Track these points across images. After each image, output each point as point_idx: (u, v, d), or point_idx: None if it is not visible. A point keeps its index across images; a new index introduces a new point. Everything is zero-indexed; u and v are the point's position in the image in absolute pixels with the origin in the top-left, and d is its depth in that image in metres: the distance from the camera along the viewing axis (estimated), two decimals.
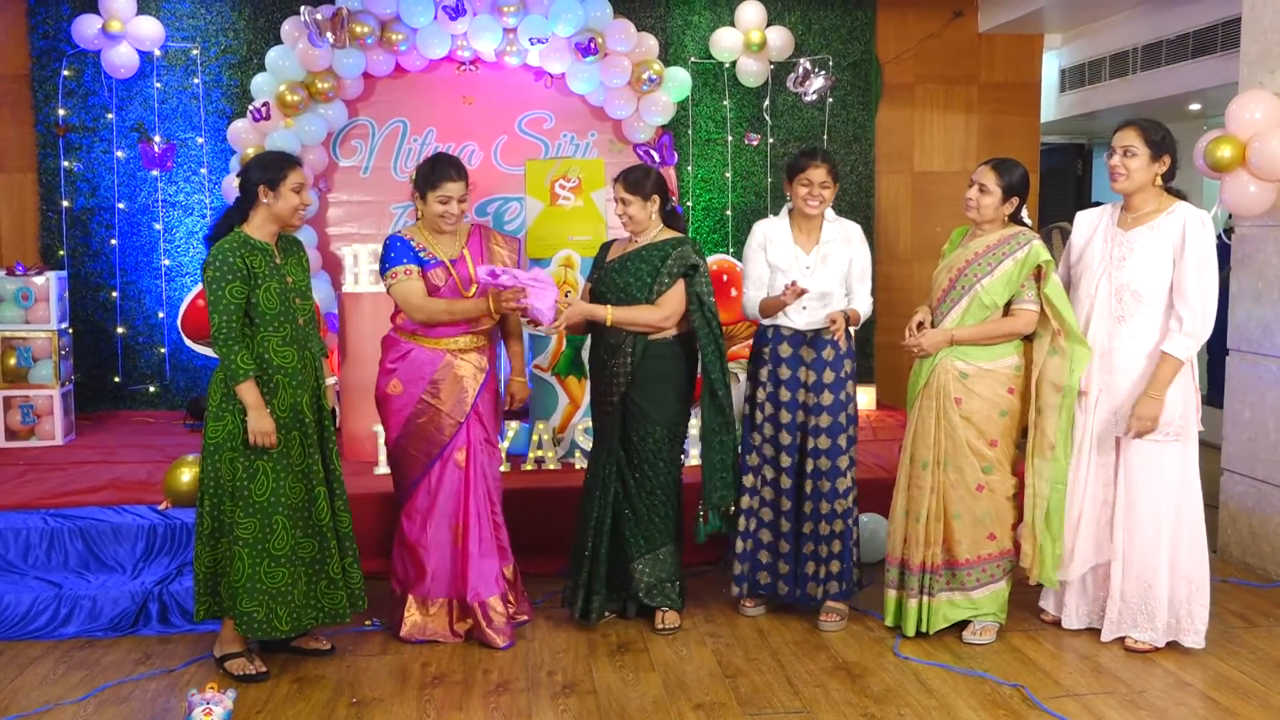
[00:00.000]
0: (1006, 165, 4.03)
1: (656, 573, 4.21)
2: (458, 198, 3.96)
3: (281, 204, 3.68)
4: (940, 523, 4.03)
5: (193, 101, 6.83)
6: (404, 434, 4.04)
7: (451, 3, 6.40)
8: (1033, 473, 4.03)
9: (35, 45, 6.66)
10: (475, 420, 4.06)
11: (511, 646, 4.06)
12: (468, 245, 4.08)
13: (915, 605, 4.07)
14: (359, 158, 6.98)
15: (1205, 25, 6.22)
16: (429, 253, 4.00)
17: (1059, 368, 3.92)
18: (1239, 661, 3.95)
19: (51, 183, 6.75)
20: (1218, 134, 4.72)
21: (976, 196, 4.02)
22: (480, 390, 4.05)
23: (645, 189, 4.11)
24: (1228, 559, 5.11)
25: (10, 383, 6.01)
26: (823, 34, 7.26)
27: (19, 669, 3.92)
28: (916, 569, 4.06)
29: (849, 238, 4.23)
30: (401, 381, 4.02)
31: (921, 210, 7.53)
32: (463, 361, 4.02)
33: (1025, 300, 3.96)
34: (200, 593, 3.77)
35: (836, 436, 4.17)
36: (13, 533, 4.53)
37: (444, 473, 4.04)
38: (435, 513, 4.06)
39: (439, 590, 4.10)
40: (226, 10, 6.82)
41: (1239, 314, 5.10)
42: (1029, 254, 3.93)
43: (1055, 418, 3.95)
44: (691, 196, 7.22)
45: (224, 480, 3.67)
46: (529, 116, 7.06)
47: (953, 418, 3.98)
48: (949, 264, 4.10)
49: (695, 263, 4.13)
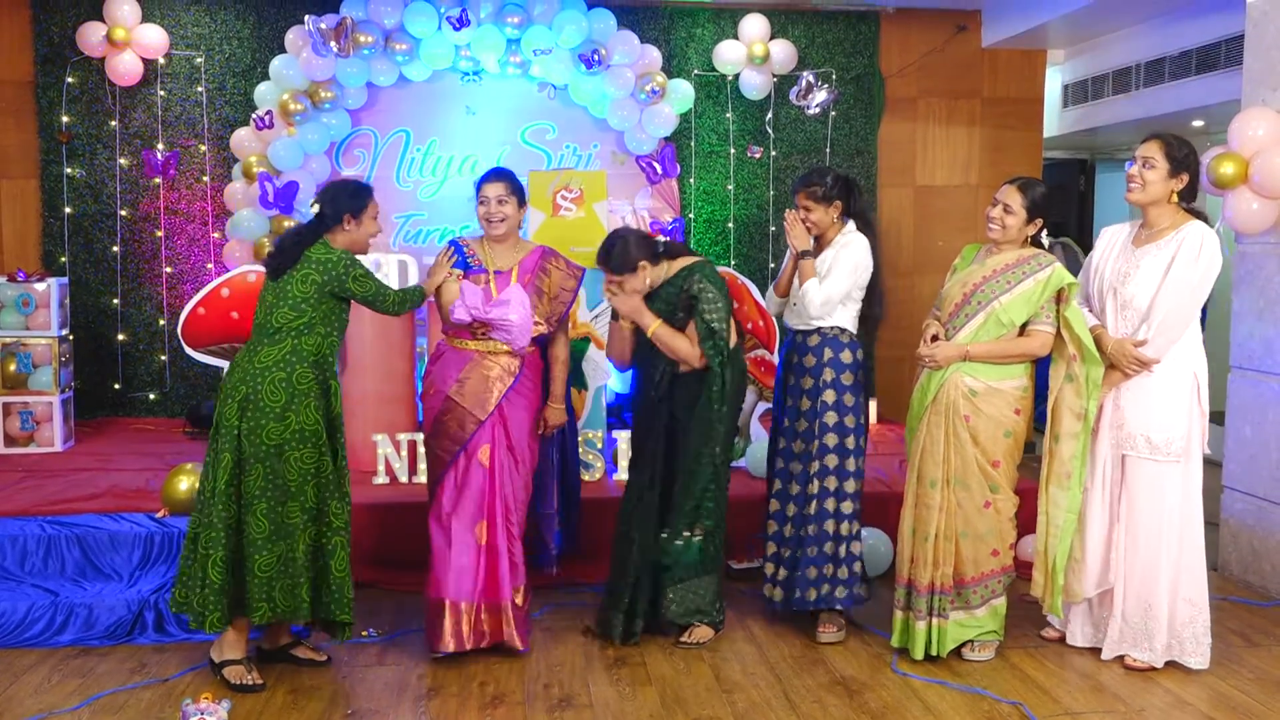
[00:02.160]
0: (1030, 184, 3.97)
1: (694, 601, 4.17)
2: (495, 198, 4.04)
3: (361, 232, 3.91)
4: (950, 542, 3.97)
5: (196, 109, 6.84)
6: (432, 433, 4.07)
7: (455, 13, 6.42)
8: (1047, 500, 3.99)
9: (40, 52, 6.67)
10: (499, 422, 4.02)
11: (526, 653, 4.04)
12: (520, 263, 4.12)
13: (924, 628, 3.99)
14: (361, 167, 6.98)
15: (1208, 42, 6.22)
16: (477, 259, 4.10)
17: (1075, 393, 3.91)
18: (1239, 680, 3.93)
19: (54, 189, 6.75)
20: (1220, 151, 4.72)
21: (1001, 216, 3.97)
22: (508, 394, 4.02)
23: (631, 262, 4.03)
24: (1228, 577, 5.09)
25: (10, 389, 6.01)
26: (826, 47, 7.27)
27: (13, 677, 3.91)
28: (925, 590, 3.98)
29: (837, 244, 4.20)
30: (434, 382, 4.09)
31: (923, 224, 7.53)
32: (490, 362, 4.03)
33: (1042, 322, 3.91)
34: (215, 600, 3.68)
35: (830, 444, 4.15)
36: (10, 539, 4.52)
37: (468, 469, 4.00)
38: (459, 512, 3.99)
39: (464, 593, 3.97)
40: (231, 19, 6.83)
41: (1241, 331, 5.09)
42: (1053, 275, 3.88)
43: (1073, 445, 3.93)
44: (694, 208, 7.22)
45: (324, 471, 3.76)
46: (532, 127, 7.06)
47: (962, 435, 3.93)
48: (962, 279, 4.04)
49: (694, 293, 4.07)
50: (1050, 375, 3.98)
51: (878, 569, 4.85)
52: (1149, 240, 3.94)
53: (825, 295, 4.12)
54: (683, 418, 4.10)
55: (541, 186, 5.97)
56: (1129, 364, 3.88)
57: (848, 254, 4.15)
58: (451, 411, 4.01)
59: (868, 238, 4.21)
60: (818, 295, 4.12)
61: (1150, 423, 3.89)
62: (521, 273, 4.10)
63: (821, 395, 4.14)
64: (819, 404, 4.15)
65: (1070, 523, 3.96)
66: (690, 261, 4.15)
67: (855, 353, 4.19)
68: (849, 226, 4.23)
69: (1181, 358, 3.88)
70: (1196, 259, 3.80)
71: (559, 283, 4.15)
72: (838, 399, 4.15)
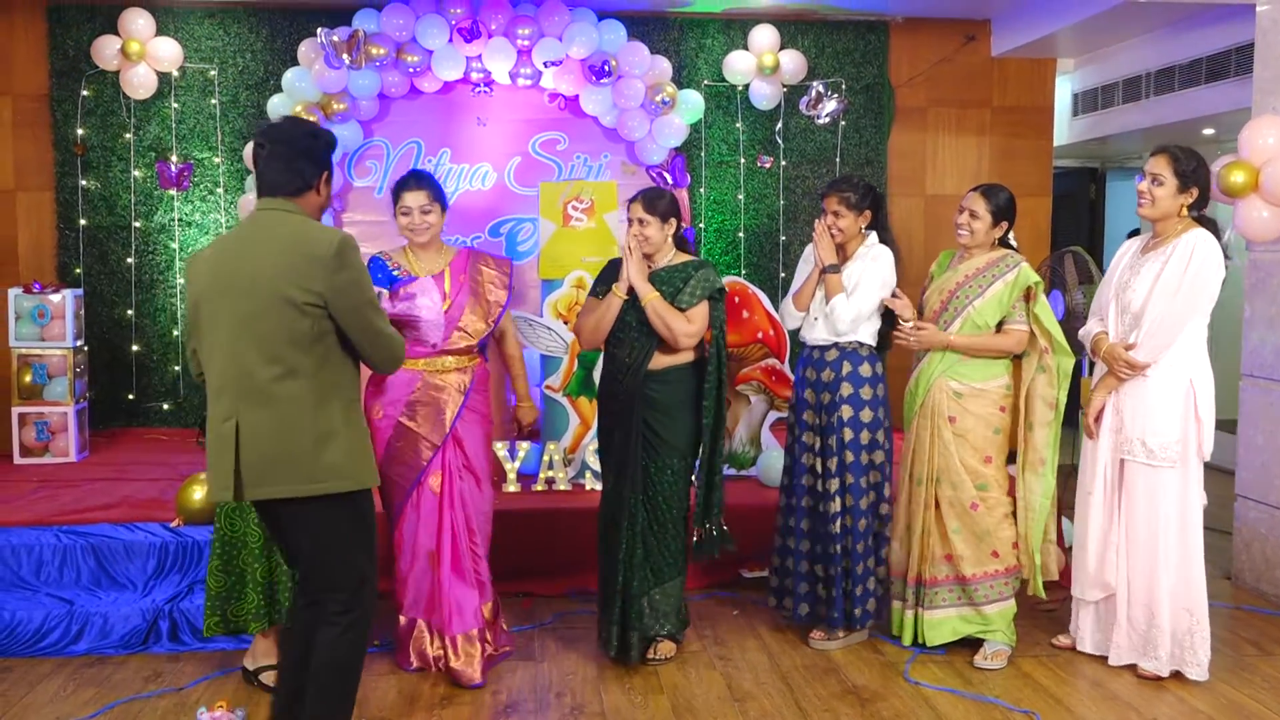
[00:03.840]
0: (994, 190, 4.15)
1: (663, 605, 4.13)
2: (418, 208, 3.96)
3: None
4: (940, 537, 4.14)
5: (210, 122, 6.89)
6: (386, 458, 3.93)
7: (466, 25, 6.45)
8: (1024, 487, 4.15)
9: (55, 66, 6.73)
10: (453, 444, 3.97)
11: (482, 686, 3.91)
12: (450, 264, 4.05)
13: (912, 617, 4.22)
14: (373, 178, 7.02)
15: (1218, 50, 6.22)
16: (404, 270, 4.02)
17: (1047, 383, 4.08)
18: (1252, 690, 3.93)
19: (69, 201, 6.80)
20: (1230, 159, 4.72)
21: (968, 221, 4.14)
22: (460, 412, 3.96)
23: (662, 210, 4.06)
24: (1241, 586, 5.08)
25: (25, 399, 6.05)
26: (835, 57, 7.29)
27: (29, 686, 3.94)
28: (913, 581, 4.19)
29: (863, 256, 4.20)
30: (381, 405, 3.97)
31: (933, 233, 7.53)
32: (439, 381, 3.96)
33: (1016, 320, 4.11)
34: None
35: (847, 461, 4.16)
36: (25, 549, 4.55)
37: (420, 498, 3.96)
38: (415, 540, 3.98)
39: (420, 614, 4.03)
40: (244, 32, 6.88)
41: (1252, 339, 5.08)
42: (1019, 276, 4.07)
43: (1046, 433, 4.10)
44: (704, 218, 7.24)
45: None
46: (542, 138, 7.09)
47: (945, 435, 4.11)
48: (939, 286, 4.21)
49: (722, 286, 4.11)
50: (1024, 366, 4.15)
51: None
52: (1154, 248, 4.00)
53: (855, 310, 4.13)
54: (658, 423, 4.01)
55: (552, 197, 5.99)
56: (1119, 367, 3.95)
57: (875, 268, 4.16)
58: (405, 437, 3.94)
59: (892, 250, 4.23)
60: (848, 311, 4.12)
61: (1146, 427, 3.93)
62: (454, 273, 4.03)
63: (839, 410, 4.15)
64: (836, 420, 4.16)
65: (1044, 507, 4.14)
66: (693, 260, 4.16)
67: (875, 366, 4.20)
68: (871, 238, 4.24)
69: (1178, 363, 3.90)
70: (1187, 265, 3.84)
71: (490, 279, 4.09)
72: (854, 415, 4.15)
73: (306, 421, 2.90)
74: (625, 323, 4.05)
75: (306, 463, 2.90)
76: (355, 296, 2.94)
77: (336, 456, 2.93)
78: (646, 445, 4.04)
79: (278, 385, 2.88)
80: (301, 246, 2.90)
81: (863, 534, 4.17)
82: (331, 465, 2.92)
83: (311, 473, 2.91)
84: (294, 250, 2.90)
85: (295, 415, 2.89)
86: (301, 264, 2.88)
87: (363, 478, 3.02)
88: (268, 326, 2.88)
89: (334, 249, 2.89)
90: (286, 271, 2.87)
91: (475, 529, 4.02)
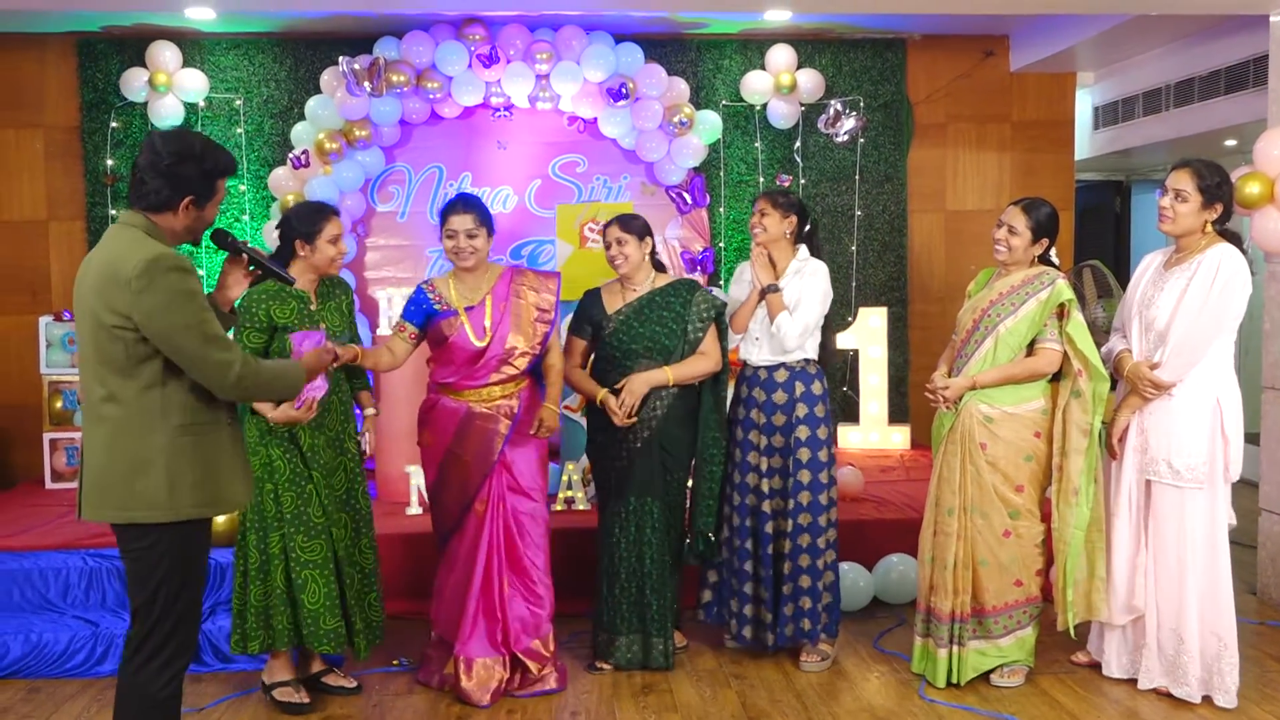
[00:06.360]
0: (1034, 205, 3.99)
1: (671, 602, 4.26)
2: (464, 232, 3.92)
3: (318, 256, 3.87)
4: (969, 570, 3.96)
5: (235, 150, 7.00)
6: (437, 482, 4.05)
7: (485, 51, 6.54)
8: (1057, 519, 3.94)
9: (85, 98, 6.87)
10: (502, 469, 4.00)
11: (490, 707, 3.91)
12: (492, 290, 4.04)
13: (945, 656, 3.99)
14: (396, 203, 7.10)
15: (1237, 61, 6.18)
16: (445, 304, 4.00)
17: (1081, 409, 3.87)
18: (1274, 705, 3.87)
19: (99, 230, 6.91)
20: (1246, 170, 4.68)
21: (1006, 237, 3.98)
22: (509, 435, 3.98)
23: (637, 229, 4.18)
24: (1267, 601, 5.01)
25: (56, 425, 6.17)
26: (853, 75, 7.31)
27: (55, 706, 4.00)
28: (945, 618, 3.97)
29: (799, 272, 4.22)
30: (430, 433, 4.04)
31: (955, 249, 7.51)
32: (487, 410, 3.97)
33: (1048, 340, 3.91)
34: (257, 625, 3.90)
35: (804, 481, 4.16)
36: (53, 572, 4.64)
37: (467, 523, 4.02)
38: (455, 561, 4.05)
39: (444, 632, 4.11)
40: (269, 61, 7.00)
41: (1273, 351, 5.03)
42: (1052, 293, 3.88)
43: (1080, 461, 3.88)
44: (724, 238, 7.26)
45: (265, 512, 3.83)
46: (562, 160, 7.15)
47: (979, 463, 3.92)
48: (974, 305, 4.07)
49: (723, 304, 4.21)
50: (1060, 390, 3.96)
51: (909, 595, 4.82)
52: (1177, 264, 3.91)
53: (802, 325, 4.14)
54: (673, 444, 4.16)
55: (569, 219, 6.04)
56: (1144, 386, 3.86)
57: (814, 282, 4.20)
58: (454, 466, 3.99)
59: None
60: (794, 327, 4.13)
61: (1172, 447, 3.84)
62: (496, 302, 3.99)
63: (795, 431, 4.15)
64: (793, 440, 4.15)
65: (1078, 539, 3.91)
66: (681, 279, 4.28)
67: (822, 381, 4.23)
68: (803, 252, 4.26)
69: (1204, 382, 3.82)
70: (1212, 282, 3.75)
71: (534, 302, 4.03)
72: (811, 434, 4.15)
73: (122, 448, 2.77)
74: (609, 356, 4.19)
75: (119, 490, 2.78)
76: (164, 320, 2.68)
77: (149, 486, 2.76)
78: (662, 466, 4.17)
79: (103, 407, 2.77)
80: (111, 266, 2.70)
81: (822, 550, 4.17)
82: (142, 495, 2.76)
83: (123, 500, 2.78)
84: (105, 269, 2.72)
85: (115, 440, 2.77)
86: (109, 286, 2.69)
87: (181, 509, 2.79)
88: (89, 349, 2.78)
89: (138, 269, 2.66)
90: (99, 293, 2.71)
91: (530, 544, 4.03)
